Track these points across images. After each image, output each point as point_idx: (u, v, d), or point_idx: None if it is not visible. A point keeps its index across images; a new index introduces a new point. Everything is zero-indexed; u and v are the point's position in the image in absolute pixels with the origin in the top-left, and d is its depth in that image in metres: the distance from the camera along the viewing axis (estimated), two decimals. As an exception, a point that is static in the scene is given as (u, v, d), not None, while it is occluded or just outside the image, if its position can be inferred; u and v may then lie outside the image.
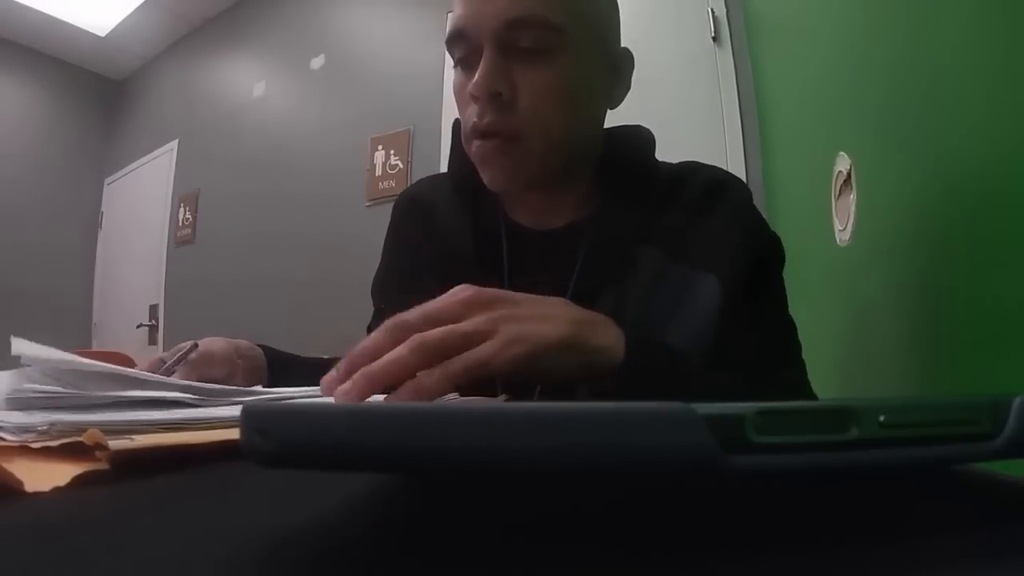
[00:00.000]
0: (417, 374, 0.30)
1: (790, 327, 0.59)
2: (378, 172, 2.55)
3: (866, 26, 0.75)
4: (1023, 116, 0.40)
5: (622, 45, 0.60)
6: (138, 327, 3.36)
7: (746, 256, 0.56)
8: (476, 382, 0.32)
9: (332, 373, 0.31)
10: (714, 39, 1.90)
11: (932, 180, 0.57)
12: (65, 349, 0.29)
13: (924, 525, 0.15)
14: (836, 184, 0.86)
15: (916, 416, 0.14)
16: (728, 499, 0.18)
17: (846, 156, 0.82)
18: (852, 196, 0.79)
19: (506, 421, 0.13)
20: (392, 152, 2.52)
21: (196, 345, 0.55)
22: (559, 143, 0.55)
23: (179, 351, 0.55)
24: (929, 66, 0.56)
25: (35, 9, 3.18)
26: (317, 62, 2.89)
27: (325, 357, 0.71)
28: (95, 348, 3.37)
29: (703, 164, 0.64)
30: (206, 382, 0.51)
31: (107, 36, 3.49)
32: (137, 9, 3.27)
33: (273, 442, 0.13)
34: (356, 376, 0.30)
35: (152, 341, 3.33)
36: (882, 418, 0.13)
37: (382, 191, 2.51)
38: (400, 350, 0.30)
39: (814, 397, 0.56)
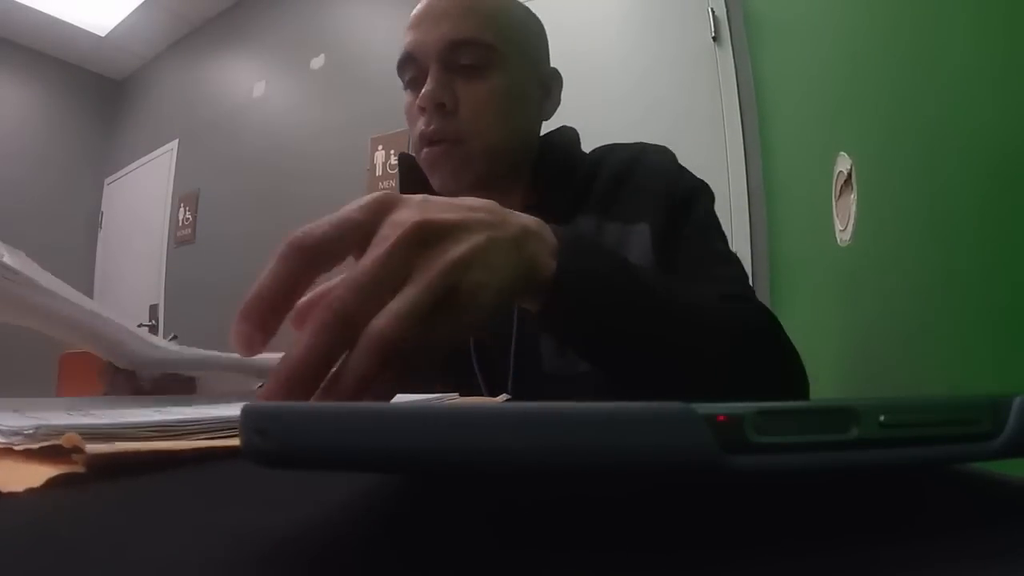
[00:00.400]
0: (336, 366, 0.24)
1: (725, 255, 0.62)
2: (378, 172, 2.55)
3: (866, 26, 0.75)
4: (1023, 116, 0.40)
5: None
6: (138, 327, 3.35)
7: (670, 198, 0.63)
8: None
9: (242, 325, 0.24)
10: (714, 39, 1.90)
11: (933, 180, 0.57)
12: (65, 349, 0.28)
13: (924, 525, 0.15)
14: (837, 184, 0.86)
15: (916, 416, 0.14)
16: (728, 499, 0.18)
17: (847, 156, 0.82)
18: (853, 196, 0.79)
19: (506, 421, 0.13)
20: (392, 152, 2.53)
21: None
22: (496, 146, 0.63)
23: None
24: (930, 66, 0.56)
25: (35, 9, 3.18)
26: (317, 62, 2.89)
27: None
28: (95, 348, 3.37)
29: (623, 143, 0.72)
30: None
31: (107, 36, 3.50)
32: (137, 9, 3.27)
33: (273, 442, 0.13)
34: (271, 384, 0.23)
35: (152, 341, 3.33)
36: (882, 418, 0.13)
37: (382, 191, 2.50)
38: (311, 338, 0.23)
39: (750, 299, 0.58)
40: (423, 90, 0.61)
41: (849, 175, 0.80)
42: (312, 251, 0.25)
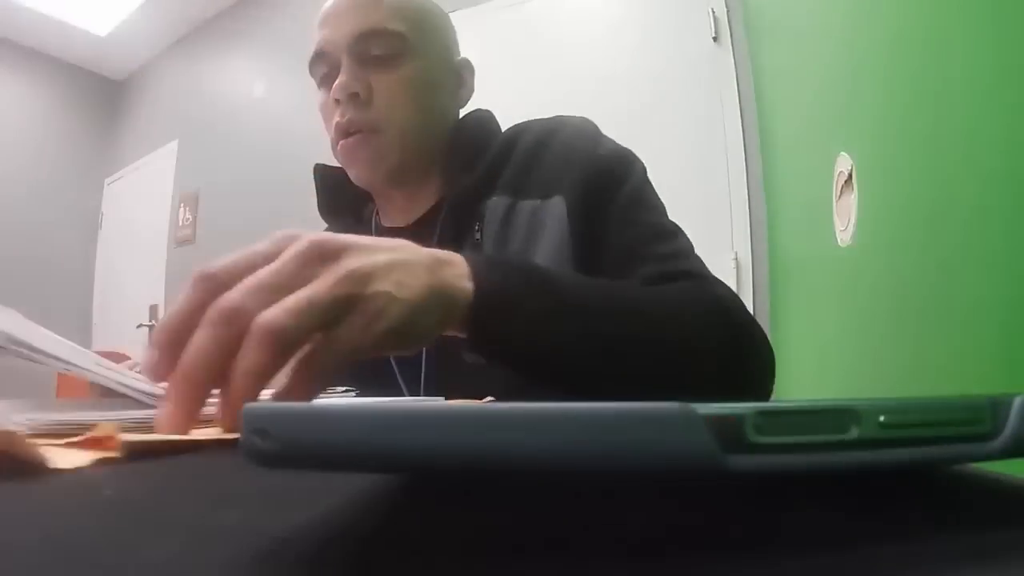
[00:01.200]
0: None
1: (660, 229, 0.57)
2: (378, 172, 2.54)
3: (867, 26, 0.75)
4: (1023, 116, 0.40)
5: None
6: (138, 327, 3.36)
7: (586, 169, 0.60)
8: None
9: (147, 362, 0.26)
10: (714, 39, 1.90)
11: (933, 180, 0.57)
12: None
13: (924, 525, 0.15)
14: (837, 184, 0.86)
15: (916, 416, 0.14)
16: (728, 499, 0.18)
17: (847, 157, 0.82)
18: (853, 196, 0.79)
19: (505, 422, 0.13)
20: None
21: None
22: (412, 134, 0.63)
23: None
24: (930, 66, 0.56)
25: (35, 9, 3.19)
26: (317, 62, 2.89)
27: None
28: (95, 348, 3.37)
29: (540, 119, 0.69)
30: None
31: (107, 36, 3.50)
32: (137, 9, 3.27)
33: (273, 442, 0.13)
34: (171, 393, 0.24)
35: (152, 341, 3.33)
36: (882, 418, 0.13)
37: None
38: (200, 335, 0.24)
39: (694, 274, 0.53)
40: (336, 82, 0.60)
41: (850, 175, 0.80)
42: (217, 279, 0.26)
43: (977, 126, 0.47)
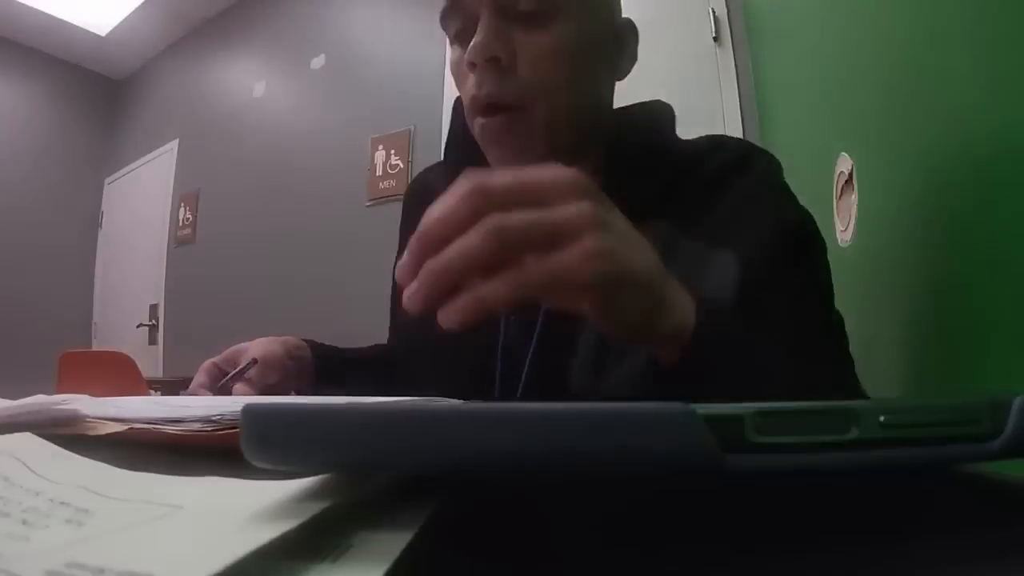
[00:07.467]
0: (482, 283, 0.26)
1: (826, 320, 0.50)
2: (378, 172, 2.55)
3: (867, 26, 0.75)
4: None
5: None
6: (138, 327, 3.36)
7: (769, 236, 0.49)
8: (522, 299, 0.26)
9: (405, 259, 0.27)
10: (714, 39, 1.90)
11: (933, 180, 0.57)
12: (65, 349, 0.30)
13: (924, 525, 0.15)
14: (838, 184, 0.86)
15: (916, 416, 0.14)
16: (728, 499, 0.18)
17: (847, 156, 0.82)
18: (853, 196, 0.79)
19: (506, 423, 0.13)
20: (392, 152, 2.53)
21: (255, 361, 0.53)
22: (565, 112, 0.52)
23: (239, 367, 0.53)
24: (930, 65, 0.56)
25: (35, 9, 3.18)
26: (317, 62, 2.89)
27: (367, 347, 0.70)
28: (95, 348, 3.37)
29: (730, 138, 0.60)
30: (262, 390, 0.53)
31: (107, 36, 3.50)
32: (137, 9, 3.27)
33: (273, 443, 0.13)
34: (420, 274, 0.26)
35: (152, 341, 3.33)
36: (882, 418, 0.13)
37: (382, 191, 2.51)
38: (472, 238, 0.25)
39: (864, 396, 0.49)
40: (472, 42, 0.49)
41: (850, 175, 0.80)
42: (492, 195, 0.27)
43: (977, 125, 0.47)
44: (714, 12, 1.90)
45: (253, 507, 0.13)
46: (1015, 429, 0.14)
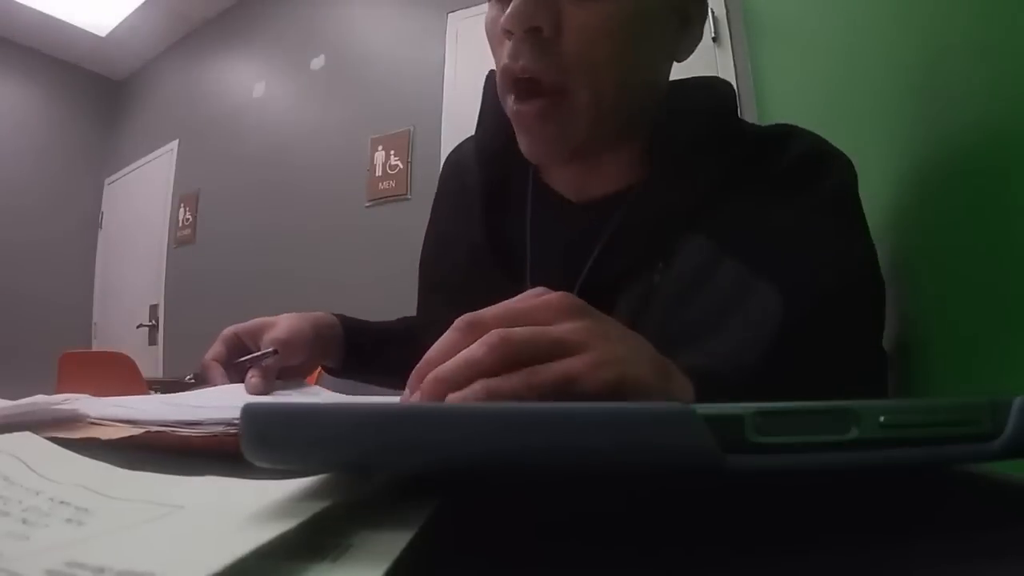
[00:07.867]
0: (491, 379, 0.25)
1: (875, 375, 0.46)
2: (378, 172, 2.55)
3: (866, 26, 0.75)
4: (1023, 116, 0.40)
5: None
6: (138, 327, 3.36)
7: (832, 278, 0.43)
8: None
9: (405, 393, 0.27)
10: (714, 39, 1.90)
11: (932, 180, 0.57)
12: (65, 349, 0.30)
13: (924, 525, 0.15)
14: (836, 184, 0.86)
15: (916, 417, 0.14)
16: (728, 499, 0.18)
17: (846, 156, 0.82)
18: (852, 196, 0.79)
19: (507, 422, 0.13)
20: (392, 152, 2.52)
21: (276, 352, 0.51)
22: (611, 100, 0.45)
23: (260, 352, 0.51)
24: (930, 66, 0.56)
25: (35, 9, 3.19)
26: (317, 62, 2.89)
27: (396, 320, 0.69)
28: (95, 348, 3.38)
29: (803, 131, 0.51)
30: (284, 372, 0.52)
31: (107, 36, 3.50)
32: (137, 9, 3.27)
33: (273, 443, 0.13)
34: (424, 382, 0.25)
35: (152, 341, 3.33)
36: (882, 419, 0.13)
37: (382, 191, 2.51)
38: (476, 349, 0.25)
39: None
40: (511, 6, 0.42)
41: (849, 175, 0.80)
42: (515, 351, 0.26)
43: (977, 125, 0.47)
44: (714, 12, 1.91)
45: (253, 507, 0.13)
46: (1015, 429, 0.14)
